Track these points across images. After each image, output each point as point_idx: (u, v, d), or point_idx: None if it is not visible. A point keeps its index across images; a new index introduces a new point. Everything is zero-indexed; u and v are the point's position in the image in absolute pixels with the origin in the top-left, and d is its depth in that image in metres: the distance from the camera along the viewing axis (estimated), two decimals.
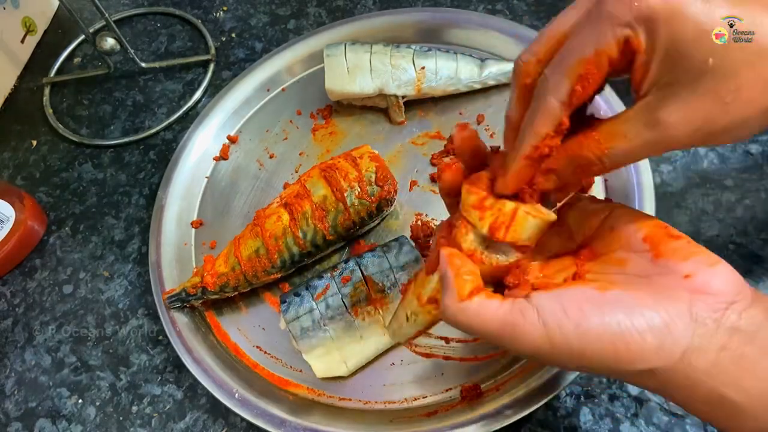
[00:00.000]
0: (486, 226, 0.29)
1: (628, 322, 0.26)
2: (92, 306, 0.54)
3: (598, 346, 0.26)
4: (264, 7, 0.72)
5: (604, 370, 0.27)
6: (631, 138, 0.26)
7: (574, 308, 0.27)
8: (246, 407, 0.44)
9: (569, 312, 0.27)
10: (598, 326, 0.26)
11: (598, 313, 0.26)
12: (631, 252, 0.29)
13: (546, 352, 0.27)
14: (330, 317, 0.45)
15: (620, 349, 0.26)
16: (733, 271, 0.27)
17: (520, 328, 0.27)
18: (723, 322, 0.26)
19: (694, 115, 0.25)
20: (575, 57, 0.26)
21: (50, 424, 0.49)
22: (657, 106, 0.25)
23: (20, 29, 0.71)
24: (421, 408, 0.44)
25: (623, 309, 0.26)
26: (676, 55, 0.24)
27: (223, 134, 0.61)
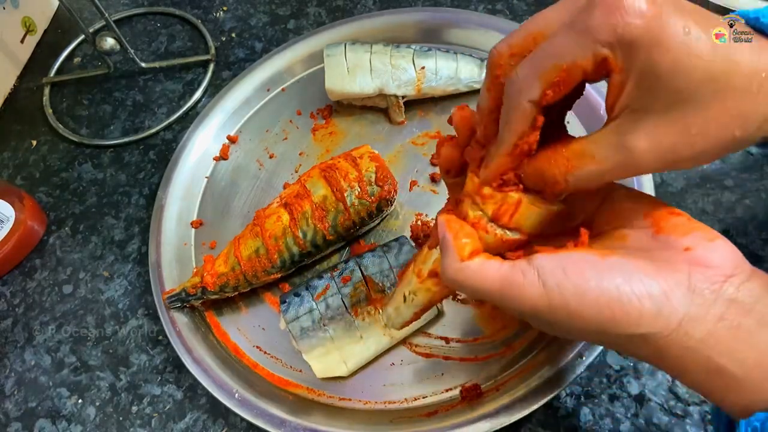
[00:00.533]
0: (490, 211, 0.30)
1: (627, 287, 0.26)
2: (92, 306, 0.54)
3: (596, 308, 0.26)
4: (264, 7, 0.72)
5: (600, 334, 0.27)
6: (599, 160, 0.27)
7: (574, 270, 0.27)
8: (246, 407, 0.44)
9: (569, 273, 0.27)
10: (597, 288, 0.26)
11: (597, 276, 0.27)
12: (632, 228, 0.29)
13: (544, 312, 0.28)
14: (330, 317, 0.45)
15: (617, 313, 0.26)
16: (732, 247, 0.27)
17: (519, 288, 0.28)
18: (721, 294, 0.26)
19: (662, 143, 0.26)
20: (551, 62, 0.26)
21: (50, 425, 0.49)
22: (627, 130, 0.26)
23: (20, 29, 0.71)
24: (421, 408, 0.44)
25: (623, 274, 0.27)
26: (650, 83, 0.25)
27: (223, 134, 0.61)
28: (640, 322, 0.26)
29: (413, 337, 0.47)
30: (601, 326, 0.27)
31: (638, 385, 0.43)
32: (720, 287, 0.26)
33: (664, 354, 0.27)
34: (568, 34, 0.26)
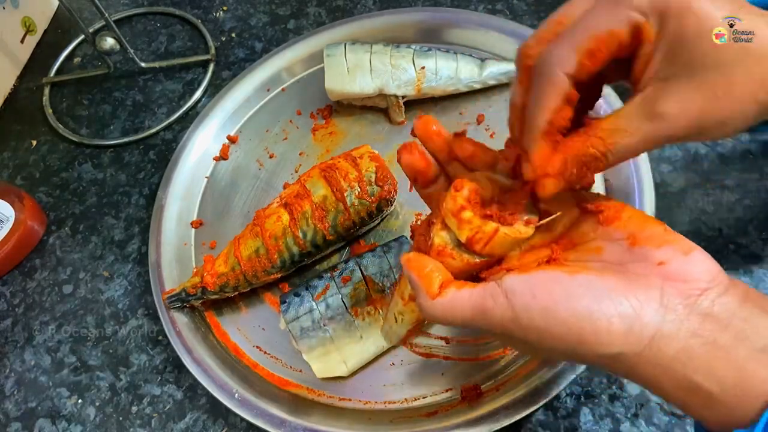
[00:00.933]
0: (464, 237, 0.29)
1: (596, 306, 0.26)
2: (92, 306, 0.54)
3: (565, 329, 0.26)
4: (264, 7, 0.72)
5: (572, 354, 0.27)
6: (632, 132, 0.27)
7: (542, 291, 0.27)
8: (246, 407, 0.44)
9: (537, 294, 0.27)
10: (565, 310, 0.26)
11: (566, 296, 0.26)
12: (607, 240, 0.29)
13: (516, 333, 0.28)
14: (330, 317, 0.45)
15: (586, 333, 0.26)
16: (709, 258, 0.27)
17: (490, 312, 0.28)
18: (694, 309, 0.25)
19: (691, 108, 0.26)
20: (588, 33, 0.27)
21: (50, 424, 0.49)
22: (656, 98, 0.26)
23: (20, 29, 0.71)
24: (421, 408, 0.44)
25: (592, 293, 0.26)
26: (678, 49, 0.25)
27: (223, 134, 0.61)
28: (610, 341, 0.26)
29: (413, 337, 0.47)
30: (572, 347, 0.26)
31: (638, 385, 0.43)
32: (694, 301, 0.26)
33: (637, 370, 0.26)
34: (604, 5, 0.27)
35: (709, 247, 0.47)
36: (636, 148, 0.27)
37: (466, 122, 0.57)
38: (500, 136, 0.55)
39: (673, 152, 0.52)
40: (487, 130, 0.56)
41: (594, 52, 0.27)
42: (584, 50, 0.26)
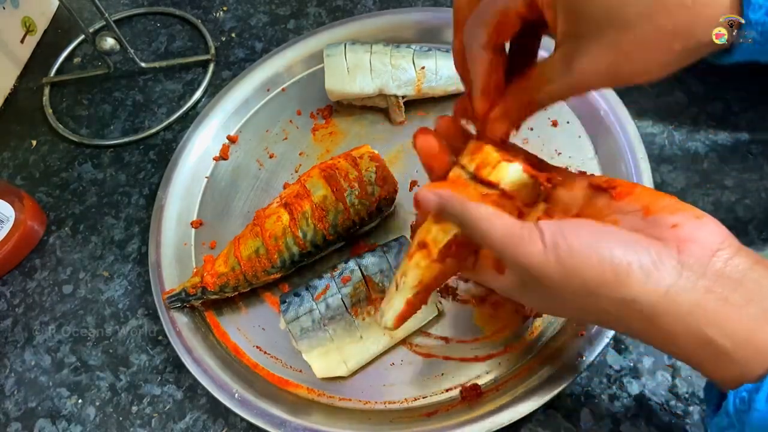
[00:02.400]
0: (473, 166, 0.33)
1: (619, 252, 0.27)
2: (92, 306, 0.54)
3: (589, 267, 0.28)
4: (264, 7, 0.72)
5: (592, 297, 0.28)
6: (554, 80, 0.31)
7: (571, 232, 0.29)
8: (246, 407, 0.44)
9: (567, 234, 0.28)
10: (592, 248, 0.28)
11: (594, 239, 0.28)
12: (622, 214, 0.31)
13: (541, 269, 0.29)
14: (330, 317, 0.45)
15: (607, 273, 0.27)
16: (719, 224, 0.29)
17: (520, 241, 0.29)
18: (708, 268, 0.27)
19: (600, 63, 0.28)
20: (490, 10, 0.31)
21: (50, 424, 0.49)
22: (570, 54, 0.29)
23: (20, 29, 0.71)
24: (421, 408, 0.44)
25: (616, 240, 0.28)
26: (576, 11, 0.28)
27: (223, 134, 0.61)
28: (629, 283, 0.27)
29: (413, 337, 0.47)
30: (594, 288, 0.28)
31: (638, 385, 0.43)
32: (707, 261, 0.27)
33: (654, 322, 0.27)
34: None
35: None
36: (560, 95, 0.31)
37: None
38: None
39: (673, 152, 0.52)
40: None
41: (498, 26, 0.31)
42: (491, 26, 0.31)
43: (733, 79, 0.54)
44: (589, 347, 0.42)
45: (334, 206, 0.48)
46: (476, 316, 0.47)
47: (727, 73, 0.54)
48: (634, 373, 0.43)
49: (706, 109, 0.54)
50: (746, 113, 0.53)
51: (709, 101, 0.54)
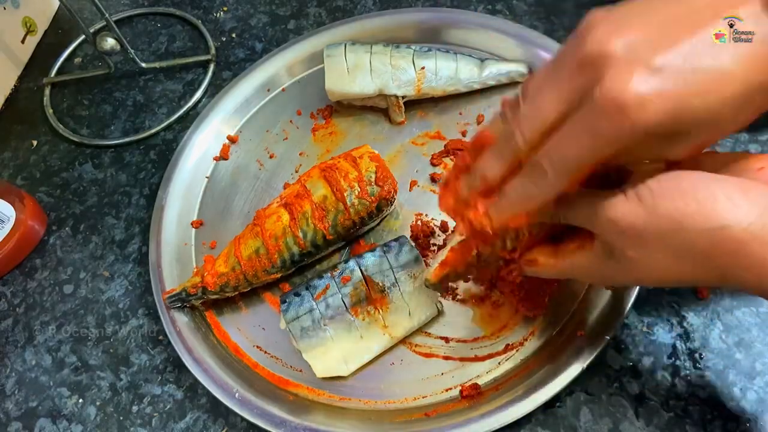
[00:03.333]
0: None
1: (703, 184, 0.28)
2: (92, 306, 0.54)
3: (671, 202, 0.28)
4: (264, 7, 0.72)
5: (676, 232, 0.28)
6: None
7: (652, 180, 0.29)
8: (246, 407, 0.44)
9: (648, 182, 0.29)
10: (672, 187, 0.28)
11: (673, 180, 0.29)
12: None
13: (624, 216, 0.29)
14: (330, 317, 0.45)
15: (691, 205, 0.27)
16: None
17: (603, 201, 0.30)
18: None
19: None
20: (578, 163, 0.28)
21: (50, 424, 0.49)
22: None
23: (20, 29, 0.72)
24: (421, 408, 0.44)
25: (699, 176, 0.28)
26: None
27: (223, 134, 0.61)
28: (717, 209, 0.27)
29: (413, 337, 0.47)
30: (680, 221, 0.27)
31: (638, 385, 0.43)
32: None
33: (744, 251, 0.27)
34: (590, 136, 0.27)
35: None
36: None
37: (465, 122, 0.57)
38: None
39: None
40: None
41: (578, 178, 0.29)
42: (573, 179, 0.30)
43: None
44: (589, 347, 0.42)
45: (334, 206, 0.49)
46: (476, 316, 0.47)
47: None
48: (634, 373, 0.43)
49: None
50: None
51: None
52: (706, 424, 0.41)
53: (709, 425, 0.41)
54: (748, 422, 0.40)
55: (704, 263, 0.29)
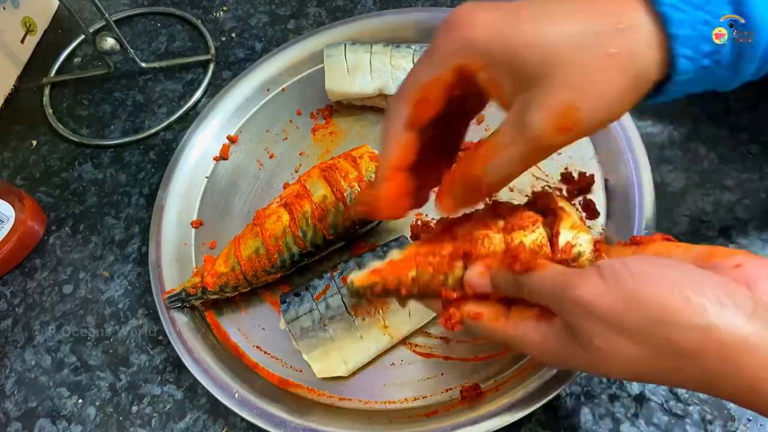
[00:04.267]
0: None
1: (688, 279, 0.26)
2: (92, 306, 0.54)
3: (655, 292, 0.25)
4: (264, 7, 0.72)
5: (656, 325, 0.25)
6: (508, 146, 0.29)
7: (632, 261, 0.27)
8: (246, 407, 0.44)
9: (628, 264, 0.27)
10: (655, 275, 0.26)
11: (657, 267, 0.27)
12: None
13: (596, 300, 0.26)
14: (330, 317, 0.45)
15: (677, 298, 0.25)
16: None
17: (574, 278, 0.28)
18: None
19: (556, 109, 0.27)
20: (413, 85, 0.30)
21: (50, 424, 0.49)
22: (521, 112, 0.28)
23: (20, 29, 0.71)
24: (421, 408, 0.44)
25: (684, 270, 0.26)
26: (514, 65, 0.27)
27: (223, 134, 0.61)
28: (702, 309, 0.24)
29: (413, 337, 0.47)
30: (662, 315, 0.25)
31: (638, 385, 0.43)
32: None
33: (732, 357, 0.24)
34: (423, 58, 0.30)
35: None
36: (515, 161, 0.29)
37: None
38: None
39: (673, 152, 0.52)
40: (487, 130, 0.56)
41: (423, 100, 0.30)
42: (414, 101, 0.30)
43: None
44: None
45: (334, 206, 0.48)
46: None
47: None
48: None
49: (706, 109, 0.54)
50: (746, 113, 0.53)
51: (709, 101, 0.54)
52: (706, 424, 0.41)
53: (709, 425, 0.41)
54: (748, 422, 0.40)
55: (688, 363, 0.26)
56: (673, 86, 0.28)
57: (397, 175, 0.32)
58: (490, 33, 0.28)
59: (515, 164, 0.29)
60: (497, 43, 0.27)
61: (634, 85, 0.27)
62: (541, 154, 0.29)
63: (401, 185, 0.33)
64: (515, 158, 0.29)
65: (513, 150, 0.29)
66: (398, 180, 0.32)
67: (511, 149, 0.29)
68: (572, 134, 0.27)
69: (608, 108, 0.27)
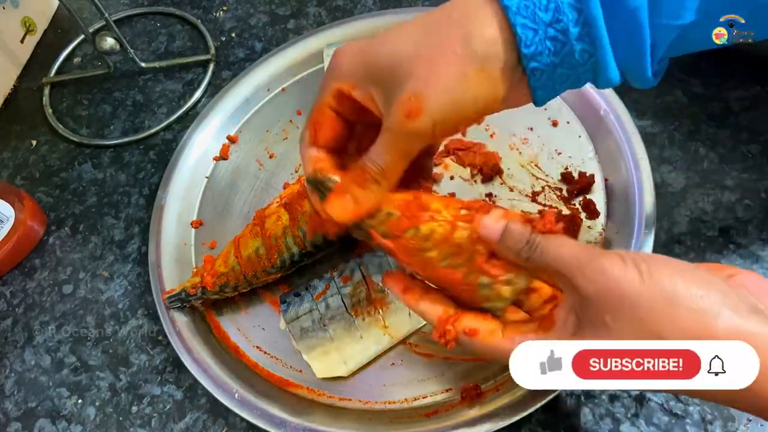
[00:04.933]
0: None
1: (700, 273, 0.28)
2: (92, 306, 0.54)
3: (669, 276, 0.27)
4: (264, 7, 0.72)
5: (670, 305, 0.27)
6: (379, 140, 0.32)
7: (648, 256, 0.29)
8: (246, 407, 0.44)
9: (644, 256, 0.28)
10: (671, 266, 0.28)
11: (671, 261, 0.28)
12: None
13: (618, 275, 0.27)
14: (330, 317, 0.45)
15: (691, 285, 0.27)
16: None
17: (597, 256, 0.29)
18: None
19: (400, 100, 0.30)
20: (312, 112, 0.35)
21: (50, 424, 0.49)
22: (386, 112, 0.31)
23: (20, 29, 0.71)
24: (421, 408, 0.44)
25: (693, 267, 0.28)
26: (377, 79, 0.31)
27: (223, 134, 0.61)
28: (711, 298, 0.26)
29: (413, 337, 0.47)
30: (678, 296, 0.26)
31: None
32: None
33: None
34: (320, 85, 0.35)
35: (709, 247, 0.48)
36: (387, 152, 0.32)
37: None
38: (500, 136, 0.55)
39: (674, 152, 0.52)
40: (487, 130, 0.56)
41: (316, 122, 0.35)
42: (311, 123, 0.35)
43: (733, 79, 0.54)
44: None
45: None
46: None
47: (727, 73, 0.54)
48: None
49: (706, 109, 0.54)
50: (746, 113, 0.53)
51: (709, 101, 0.54)
52: (707, 425, 0.41)
53: (710, 425, 0.41)
54: (749, 422, 0.40)
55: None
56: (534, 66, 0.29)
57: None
58: (353, 59, 0.32)
59: (391, 156, 0.32)
60: (357, 63, 0.32)
61: (476, 67, 0.29)
62: (406, 142, 0.31)
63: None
64: (386, 150, 0.32)
65: (382, 143, 0.32)
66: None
67: (379, 142, 0.32)
68: (422, 119, 0.30)
69: (448, 90, 0.29)
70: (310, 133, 0.35)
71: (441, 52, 0.29)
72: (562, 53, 0.29)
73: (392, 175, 0.33)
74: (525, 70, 0.30)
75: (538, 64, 0.29)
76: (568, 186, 0.51)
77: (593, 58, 0.29)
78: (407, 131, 0.30)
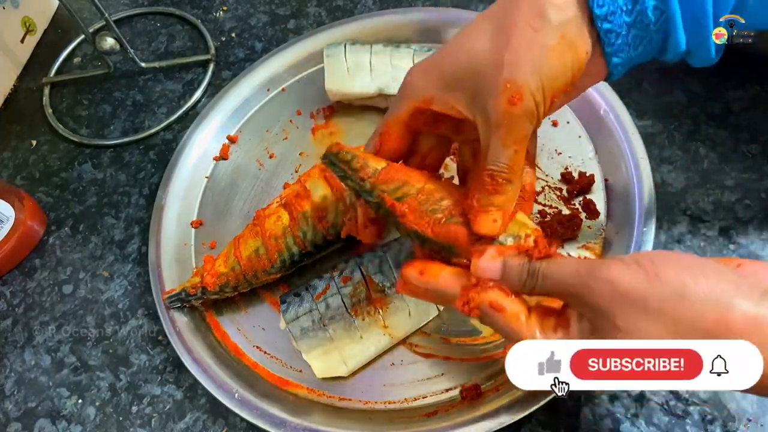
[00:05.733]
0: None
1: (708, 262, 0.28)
2: (92, 306, 0.54)
3: (675, 271, 0.27)
4: (264, 7, 0.72)
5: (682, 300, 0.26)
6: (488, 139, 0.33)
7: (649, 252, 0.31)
8: (246, 407, 0.44)
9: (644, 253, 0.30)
10: (672, 259, 0.28)
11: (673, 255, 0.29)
12: None
13: (623, 279, 0.27)
14: (330, 317, 0.45)
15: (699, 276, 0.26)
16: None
17: (597, 267, 0.29)
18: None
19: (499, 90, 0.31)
20: (383, 122, 0.37)
21: (50, 425, 0.49)
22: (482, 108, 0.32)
23: (20, 29, 0.71)
24: (421, 408, 0.44)
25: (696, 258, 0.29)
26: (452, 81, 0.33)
27: (223, 134, 0.61)
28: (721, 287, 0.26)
29: (413, 337, 0.47)
30: (686, 290, 0.26)
31: None
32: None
33: (756, 336, 0.25)
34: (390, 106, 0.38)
35: (709, 247, 0.48)
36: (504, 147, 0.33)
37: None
38: None
39: (673, 152, 0.52)
40: None
41: (385, 134, 0.37)
42: (377, 134, 0.38)
43: (733, 79, 0.54)
44: None
45: (334, 206, 0.48)
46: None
47: (727, 73, 0.54)
48: None
49: (706, 109, 0.54)
50: (746, 113, 0.53)
51: (709, 101, 0.54)
52: (707, 425, 0.41)
53: (710, 425, 0.41)
54: (749, 422, 0.40)
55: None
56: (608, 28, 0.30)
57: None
58: (427, 75, 0.34)
59: (510, 148, 0.32)
60: (433, 78, 0.34)
61: (556, 36, 0.30)
62: (518, 129, 0.31)
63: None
64: (504, 144, 0.32)
65: (497, 141, 0.32)
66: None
67: (494, 143, 0.32)
68: (526, 101, 0.30)
69: (538, 66, 0.30)
70: (375, 143, 0.38)
71: (519, 32, 0.30)
72: (635, 12, 0.30)
73: (519, 168, 0.33)
74: (599, 34, 0.30)
75: (612, 25, 0.30)
76: (568, 186, 0.51)
77: (664, 15, 0.30)
78: (516, 117, 0.31)
